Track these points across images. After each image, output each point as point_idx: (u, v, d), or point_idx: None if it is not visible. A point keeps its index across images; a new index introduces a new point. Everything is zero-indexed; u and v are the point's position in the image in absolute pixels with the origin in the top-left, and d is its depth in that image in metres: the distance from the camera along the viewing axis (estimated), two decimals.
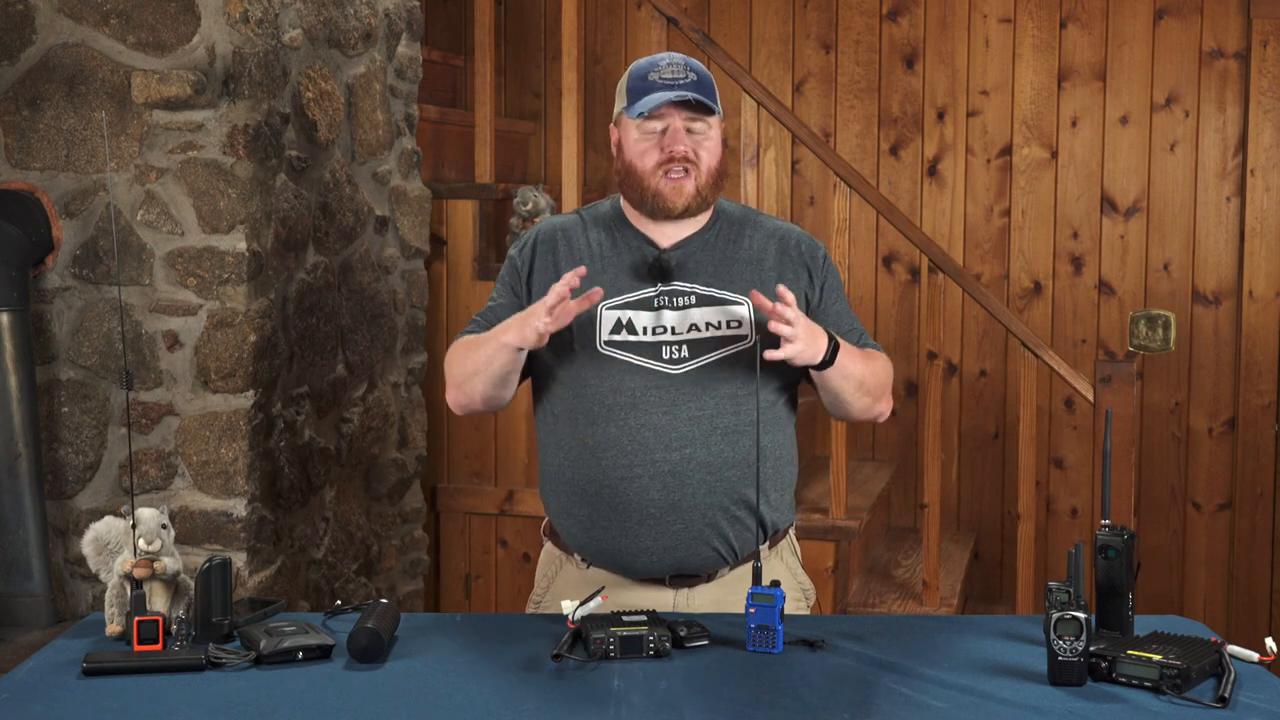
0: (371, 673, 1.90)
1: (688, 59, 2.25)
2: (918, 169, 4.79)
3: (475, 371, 2.24)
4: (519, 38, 5.11)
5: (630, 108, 2.23)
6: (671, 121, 2.21)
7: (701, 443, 2.19)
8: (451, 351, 2.32)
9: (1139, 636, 1.96)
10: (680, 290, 2.25)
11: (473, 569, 4.15)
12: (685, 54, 2.30)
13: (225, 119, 2.99)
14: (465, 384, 2.27)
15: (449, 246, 4.10)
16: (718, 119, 2.26)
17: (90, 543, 2.09)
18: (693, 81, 2.21)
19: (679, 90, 2.19)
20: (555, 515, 2.32)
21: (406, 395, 3.83)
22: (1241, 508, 4.59)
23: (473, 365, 2.25)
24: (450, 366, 2.31)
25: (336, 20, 3.36)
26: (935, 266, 3.75)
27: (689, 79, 2.21)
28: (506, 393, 2.28)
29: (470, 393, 2.27)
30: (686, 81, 2.20)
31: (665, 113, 2.21)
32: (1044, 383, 4.57)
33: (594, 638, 1.92)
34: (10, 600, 2.95)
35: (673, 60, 2.24)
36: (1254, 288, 4.53)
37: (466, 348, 2.28)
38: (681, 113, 2.21)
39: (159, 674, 1.88)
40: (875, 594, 3.97)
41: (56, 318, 3.10)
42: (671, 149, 2.21)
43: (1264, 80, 4.50)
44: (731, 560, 2.25)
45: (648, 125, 2.22)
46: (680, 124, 2.21)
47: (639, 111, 2.21)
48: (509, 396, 2.30)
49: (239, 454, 3.04)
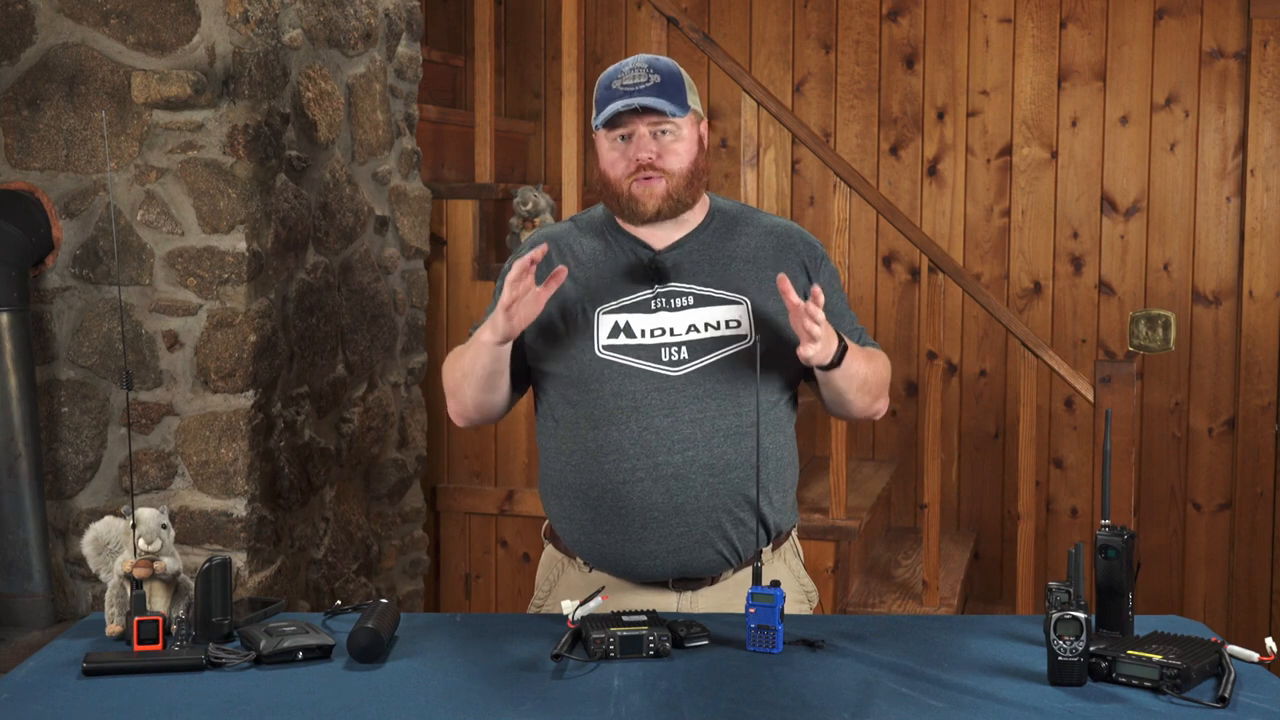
0: (371, 673, 1.90)
1: (654, 60, 2.23)
2: (918, 169, 4.79)
3: (463, 375, 2.25)
4: (519, 38, 5.11)
5: (595, 118, 2.24)
6: (635, 128, 2.20)
7: (704, 444, 2.18)
8: (445, 362, 2.34)
9: (1139, 636, 1.96)
10: (677, 291, 2.24)
11: (473, 569, 4.15)
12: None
13: (225, 119, 2.99)
14: (457, 390, 2.28)
15: (449, 246, 4.10)
16: (688, 117, 2.23)
17: (90, 543, 2.09)
18: (654, 85, 2.18)
19: (636, 97, 2.17)
20: (557, 520, 2.31)
21: (406, 395, 3.83)
22: (1241, 508, 4.59)
23: (460, 371, 2.26)
24: (445, 377, 2.33)
25: (336, 20, 3.36)
26: (935, 266, 3.75)
27: (650, 82, 2.18)
28: (497, 397, 2.27)
29: (463, 400, 2.28)
30: (647, 85, 2.17)
31: (628, 120, 2.20)
32: (1044, 383, 4.57)
33: (594, 638, 1.92)
34: (10, 600, 2.95)
35: (635, 65, 2.21)
36: (1254, 288, 4.53)
37: (456, 356, 2.30)
38: (645, 118, 2.19)
39: (159, 674, 1.88)
40: (875, 594, 3.97)
41: (56, 318, 3.10)
42: (637, 157, 2.20)
43: (1264, 80, 4.50)
44: (735, 562, 2.24)
45: (613, 134, 2.22)
46: (645, 129, 2.20)
47: (598, 123, 2.22)
48: (500, 402, 2.29)
49: (239, 454, 3.04)
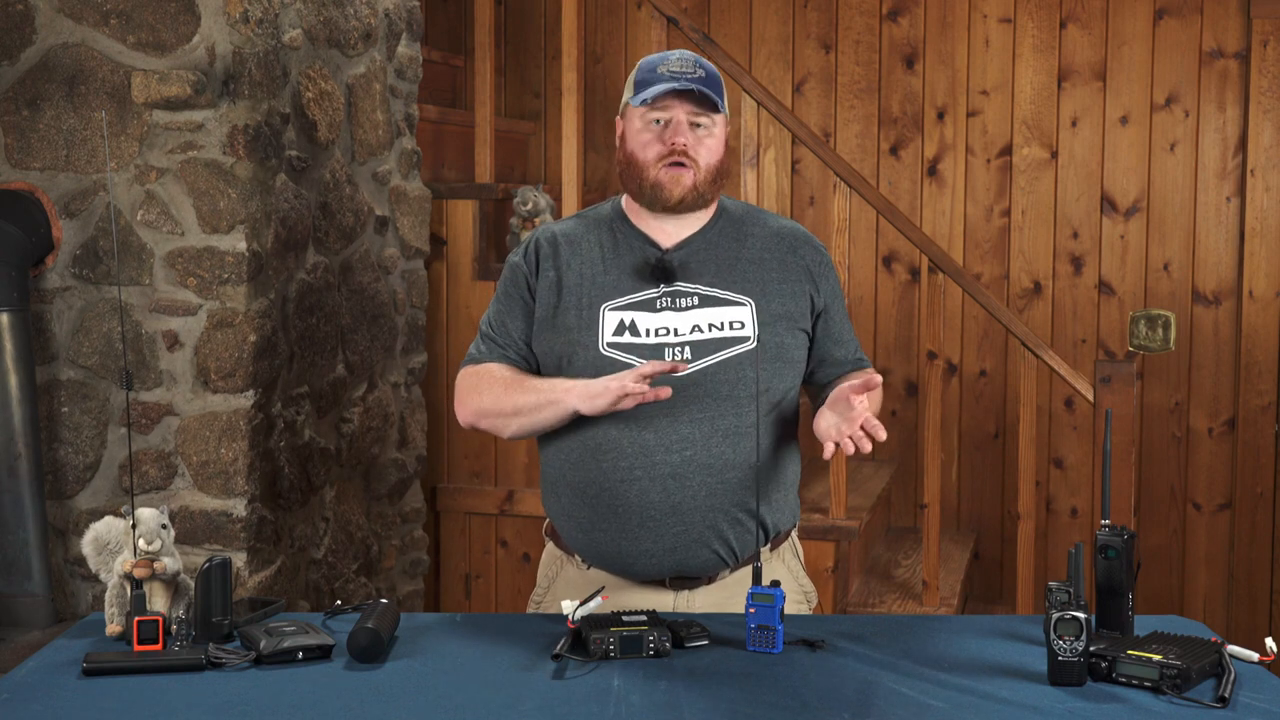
0: (371, 673, 1.90)
1: (699, 58, 2.26)
2: (918, 169, 4.80)
3: (516, 413, 2.23)
4: (519, 38, 5.11)
5: (635, 96, 2.23)
6: (675, 114, 2.22)
7: (702, 444, 2.18)
8: (479, 376, 2.29)
9: (1139, 636, 1.96)
10: (683, 291, 2.24)
11: (473, 569, 4.15)
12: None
13: (225, 119, 2.99)
14: (497, 420, 2.26)
15: (449, 246, 4.10)
16: (723, 118, 2.25)
17: (90, 543, 2.09)
18: (701, 77, 2.21)
19: (685, 82, 2.19)
20: (556, 517, 2.32)
21: (406, 395, 3.83)
22: (1241, 508, 4.59)
23: (513, 406, 2.23)
24: (481, 390, 2.28)
25: (336, 20, 3.36)
26: (935, 266, 3.75)
27: (697, 74, 2.21)
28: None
29: (499, 427, 2.28)
30: (694, 76, 2.21)
31: (669, 104, 2.21)
32: (1044, 383, 4.57)
33: (594, 638, 1.92)
34: (10, 600, 2.95)
35: (683, 56, 2.25)
36: (1254, 288, 4.53)
37: (506, 386, 2.25)
38: (685, 106, 2.21)
39: (159, 674, 1.88)
40: (875, 594, 3.97)
41: (56, 318, 3.10)
42: (673, 140, 2.21)
43: (1264, 80, 4.50)
44: (732, 563, 2.24)
45: (651, 115, 2.23)
46: (684, 117, 2.22)
47: (642, 99, 2.21)
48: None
49: (239, 454, 3.04)
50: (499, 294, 2.34)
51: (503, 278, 2.35)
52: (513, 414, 2.24)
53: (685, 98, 2.20)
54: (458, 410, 2.33)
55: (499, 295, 2.34)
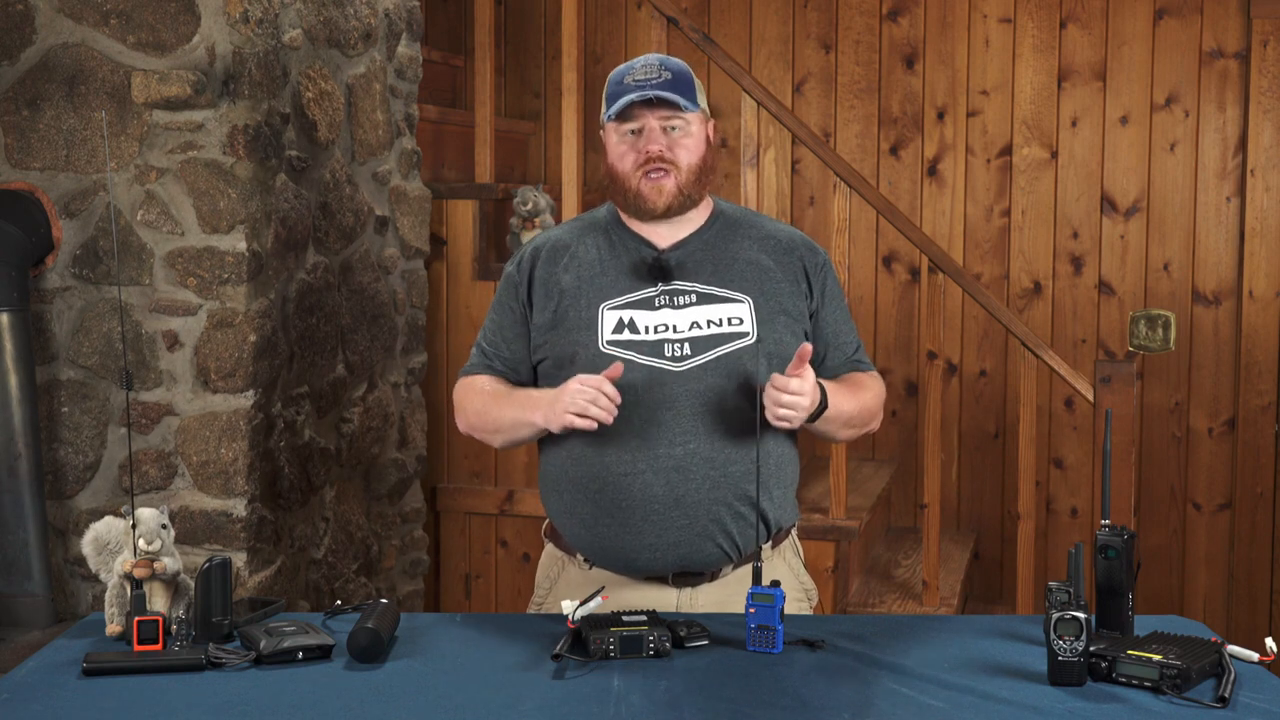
0: (371, 673, 1.90)
1: (665, 59, 2.27)
2: (918, 169, 4.79)
3: (498, 430, 2.32)
4: (519, 38, 5.11)
5: (606, 111, 2.25)
6: (646, 122, 2.23)
7: (705, 438, 2.19)
8: (469, 389, 2.36)
9: (1139, 636, 1.96)
10: (681, 289, 2.25)
11: (473, 569, 4.15)
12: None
13: (225, 119, 2.99)
14: (483, 434, 2.35)
15: (449, 246, 4.10)
16: (697, 114, 2.26)
17: (90, 543, 2.09)
18: (666, 80, 2.22)
19: (648, 89, 2.20)
20: (557, 515, 2.32)
21: (406, 395, 3.83)
22: (1241, 508, 4.59)
23: (494, 424, 2.31)
24: (467, 405, 2.36)
25: (336, 20, 3.36)
26: (935, 266, 3.75)
27: (662, 78, 2.22)
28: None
29: (487, 440, 2.37)
30: (659, 80, 2.21)
31: (639, 114, 2.23)
32: (1044, 383, 4.57)
33: (594, 638, 1.92)
34: (10, 600, 2.95)
35: (647, 62, 2.26)
36: (1254, 288, 4.53)
37: (491, 399, 2.31)
38: (656, 112, 2.22)
39: (159, 674, 1.88)
40: (875, 594, 3.97)
41: (56, 318, 3.10)
42: (647, 149, 2.22)
43: (1264, 80, 4.50)
44: (735, 558, 2.25)
45: (624, 128, 2.25)
46: (655, 123, 2.23)
47: (609, 114, 2.24)
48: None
49: (239, 454, 3.04)
50: (493, 305, 2.39)
51: (498, 288, 2.39)
52: (494, 431, 2.32)
53: (653, 103, 2.21)
54: (456, 420, 2.40)
55: (493, 306, 2.39)
